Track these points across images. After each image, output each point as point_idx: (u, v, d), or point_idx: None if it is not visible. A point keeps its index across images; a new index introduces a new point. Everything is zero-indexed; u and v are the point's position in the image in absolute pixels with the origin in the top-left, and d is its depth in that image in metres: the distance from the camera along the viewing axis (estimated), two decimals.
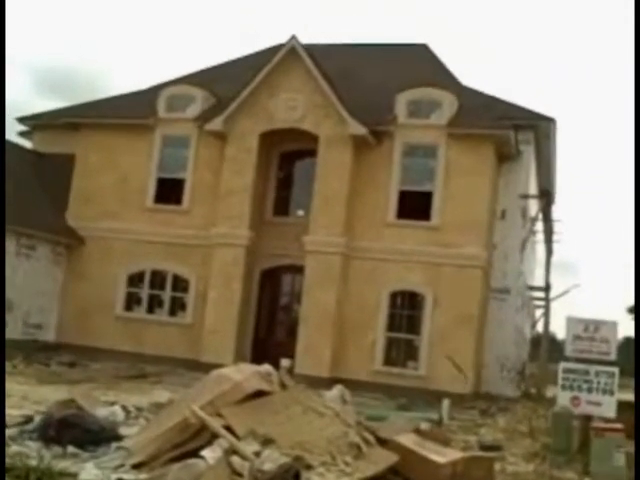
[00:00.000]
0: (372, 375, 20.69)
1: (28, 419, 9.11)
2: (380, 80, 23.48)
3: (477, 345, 20.75)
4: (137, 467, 7.58)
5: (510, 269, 21.92)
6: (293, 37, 21.51)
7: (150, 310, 23.11)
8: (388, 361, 20.93)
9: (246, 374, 8.74)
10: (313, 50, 21.97)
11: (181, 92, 23.44)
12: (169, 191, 23.15)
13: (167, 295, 22.94)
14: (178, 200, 23.06)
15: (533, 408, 20.60)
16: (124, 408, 9.63)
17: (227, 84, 23.68)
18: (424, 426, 9.63)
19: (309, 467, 7.60)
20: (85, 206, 23.63)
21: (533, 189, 23.79)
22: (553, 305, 24.76)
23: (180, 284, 22.89)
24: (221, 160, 22.24)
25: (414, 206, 21.03)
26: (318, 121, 21.23)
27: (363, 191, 21.21)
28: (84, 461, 7.80)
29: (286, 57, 21.58)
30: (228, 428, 7.98)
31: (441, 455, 8.51)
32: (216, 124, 21.83)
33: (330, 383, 20.37)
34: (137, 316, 23.02)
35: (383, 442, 8.83)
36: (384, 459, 8.32)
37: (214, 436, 7.93)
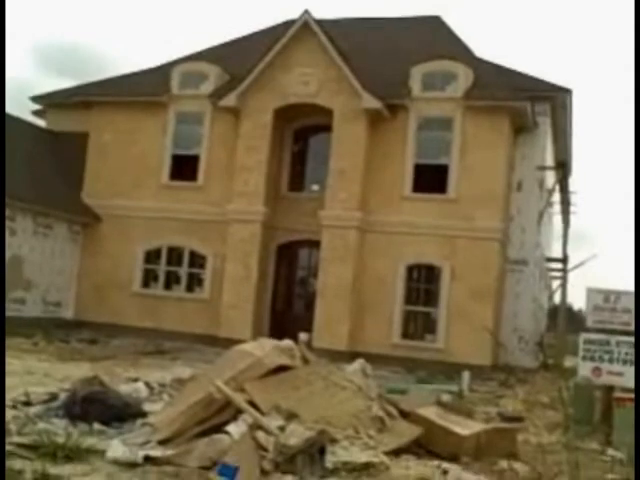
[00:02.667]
0: (390, 348, 20.74)
1: (53, 396, 9.19)
2: (393, 53, 23.27)
3: (495, 317, 20.73)
4: (163, 443, 7.64)
5: (527, 241, 21.83)
6: (306, 12, 21.34)
7: (167, 286, 23.24)
8: (406, 334, 20.98)
9: (267, 349, 8.77)
10: (324, 25, 21.81)
11: (194, 69, 23.36)
12: (184, 168, 23.15)
13: (184, 271, 23.03)
14: (193, 177, 23.07)
15: (552, 379, 20.68)
16: (147, 384, 9.67)
17: (240, 60, 23.53)
18: (445, 398, 9.65)
19: (333, 441, 7.62)
20: (100, 184, 23.69)
21: (550, 161, 23.60)
22: (570, 276, 24.73)
23: (197, 260, 22.97)
24: (235, 136, 22.19)
25: (430, 179, 20.94)
26: (332, 95, 21.11)
27: (378, 165, 21.13)
28: (110, 438, 7.86)
29: (299, 32, 21.44)
30: (251, 403, 8.03)
31: (464, 427, 8.54)
32: (230, 100, 21.75)
33: (348, 357, 20.53)
34: (154, 292, 23.15)
35: (406, 415, 8.87)
36: (408, 432, 8.37)
37: (238, 411, 7.99)
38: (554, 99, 21.82)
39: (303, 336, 21.36)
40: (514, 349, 21.66)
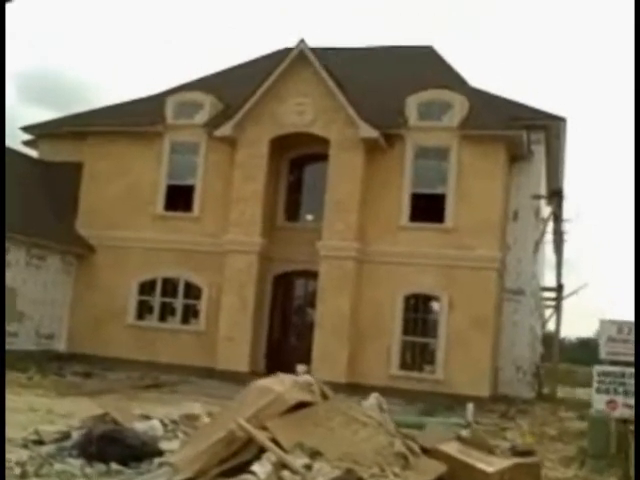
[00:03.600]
0: (389, 380, 20.55)
1: (65, 435, 8.96)
2: (387, 83, 23.37)
3: (493, 347, 20.65)
4: None
5: (524, 271, 21.86)
6: (302, 41, 21.41)
7: (162, 318, 22.98)
8: (404, 365, 20.84)
9: (287, 385, 8.61)
10: (317, 54, 21.84)
11: (189, 98, 23.33)
12: (179, 198, 23.02)
13: (179, 303, 22.81)
14: (188, 207, 22.94)
15: (551, 410, 20.60)
16: (162, 422, 9.47)
17: (235, 89, 23.54)
18: (465, 433, 9.51)
19: (359, 479, 7.48)
20: (94, 215, 23.48)
21: (543, 189, 23.71)
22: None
23: (192, 291, 22.76)
24: (231, 166, 22.12)
25: (427, 209, 20.95)
26: (328, 125, 21.13)
27: (375, 195, 21.12)
28: (129, 478, 7.68)
29: (295, 61, 21.48)
30: (274, 441, 7.87)
31: (488, 463, 8.39)
32: (225, 130, 21.71)
33: (347, 389, 20.30)
34: (149, 324, 22.88)
35: (427, 451, 8.73)
36: (432, 469, 8.21)
37: (261, 450, 7.82)
38: (548, 128, 21.98)
39: (301, 368, 21.07)
40: (512, 379, 21.58)
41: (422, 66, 24.40)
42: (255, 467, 7.36)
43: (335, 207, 20.81)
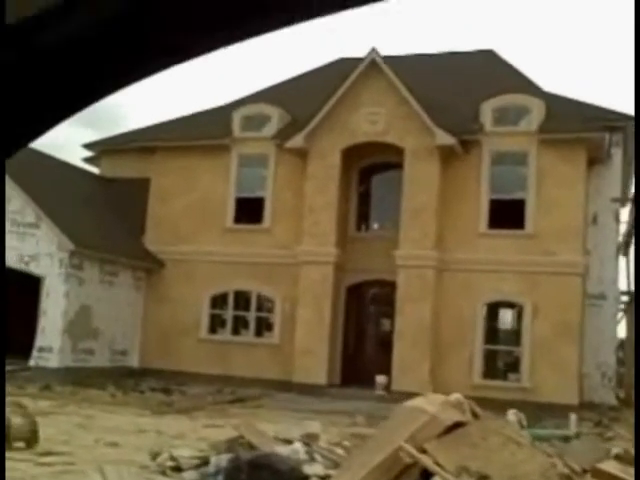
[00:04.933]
0: (472, 389, 19.93)
1: (203, 461, 8.67)
2: (455, 89, 22.95)
3: (579, 354, 20.12)
4: None
5: (606, 275, 21.34)
6: (373, 50, 21.12)
7: (235, 331, 22.77)
8: (487, 374, 20.38)
9: (438, 405, 8.25)
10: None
11: (256, 111, 23.12)
12: (248, 211, 22.80)
13: (252, 316, 22.57)
14: (258, 219, 22.72)
15: None
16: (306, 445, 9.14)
17: (299, 100, 23.32)
18: (616, 450, 9.08)
19: None
20: (163, 229, 23.35)
21: (619, 192, 23.12)
22: None
23: (265, 304, 22.54)
24: (301, 177, 21.87)
25: (506, 215, 20.46)
26: (402, 133, 20.78)
27: (452, 202, 20.71)
28: None
29: (366, 70, 21.17)
30: (436, 465, 7.51)
31: None
32: (297, 141, 21.46)
33: None
34: (222, 338, 22.67)
35: (585, 471, 8.32)
36: None
37: (421, 475, 7.48)
38: (626, 129, 21.41)
39: (380, 379, 20.81)
40: (597, 386, 21.05)
41: (488, 70, 23.98)
42: None
43: (412, 215, 20.43)
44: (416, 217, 20.43)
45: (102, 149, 26.54)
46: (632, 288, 24.91)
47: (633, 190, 25.47)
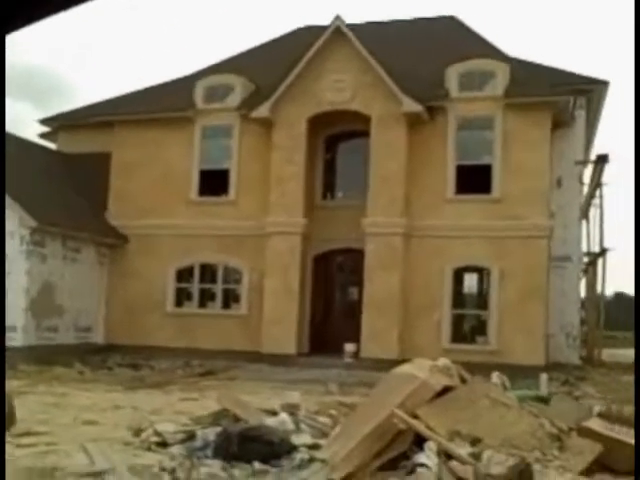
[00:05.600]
0: (441, 353, 19.81)
1: (189, 435, 8.51)
2: (419, 55, 22.89)
3: (546, 316, 20.34)
4: None
5: (570, 237, 21.57)
6: (337, 17, 20.82)
7: (202, 304, 22.54)
8: (456, 338, 20.50)
9: (427, 370, 8.21)
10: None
11: (220, 81, 22.68)
12: (213, 183, 22.45)
13: (219, 288, 22.35)
14: (224, 191, 22.41)
15: (608, 375, 20.41)
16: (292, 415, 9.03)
17: (262, 70, 23.05)
18: (597, 409, 9.16)
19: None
20: (126, 204, 22.91)
21: (582, 155, 23.30)
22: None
23: (232, 276, 22.33)
24: (266, 147, 21.58)
25: (473, 180, 20.46)
26: (369, 101, 20.59)
27: (419, 168, 20.64)
28: (283, 478, 7.26)
29: (331, 38, 20.88)
30: (428, 430, 7.47)
31: None
32: (262, 111, 21.14)
33: (399, 365, 19.98)
34: (189, 311, 22.43)
35: (571, 430, 8.37)
36: (589, 449, 7.82)
37: (414, 440, 7.43)
38: (590, 92, 21.51)
39: (349, 347, 20.81)
40: (562, 346, 21.37)
41: (451, 36, 23.89)
42: (423, 459, 6.97)
43: (380, 183, 20.32)
44: (384, 184, 20.32)
45: (59, 124, 25.85)
46: (592, 249, 25.27)
47: (595, 153, 25.78)
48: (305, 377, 17.72)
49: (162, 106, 22.89)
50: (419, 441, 7.47)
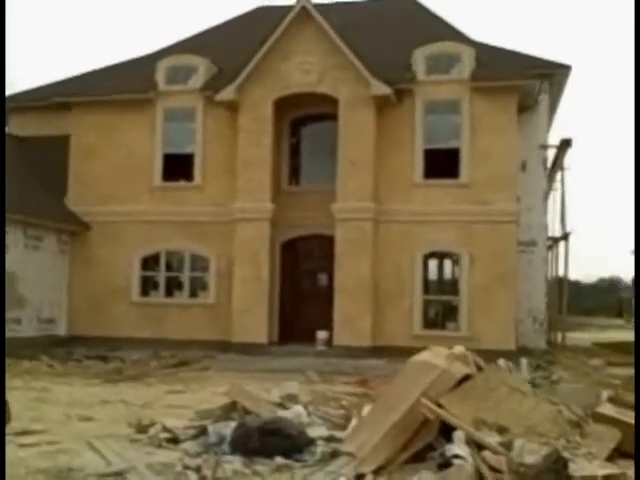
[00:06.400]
0: (413, 340, 20.17)
1: (201, 430, 8.27)
2: (382, 38, 22.73)
3: (515, 300, 20.53)
4: (376, 474, 6.93)
5: (535, 221, 21.73)
6: None
7: (169, 293, 22.13)
8: (427, 324, 20.57)
9: (444, 358, 8.12)
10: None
11: (182, 62, 22.16)
12: (178, 167, 21.95)
13: (186, 276, 21.97)
14: (188, 176, 21.94)
15: (576, 358, 20.76)
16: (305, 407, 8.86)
17: (223, 51, 22.64)
18: (606, 394, 9.23)
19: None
20: (86, 190, 22.26)
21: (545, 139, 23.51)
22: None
23: (199, 264, 21.93)
24: (231, 131, 21.20)
25: (441, 164, 20.47)
26: (336, 83, 20.36)
27: (387, 153, 20.54)
28: (308, 473, 7.09)
29: (296, 18, 20.55)
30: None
31: None
32: (227, 94, 20.72)
33: (371, 352, 20.01)
34: (155, 300, 22.01)
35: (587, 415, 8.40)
36: (609, 436, 7.86)
37: (440, 430, 7.35)
38: (552, 76, 21.69)
39: (321, 334, 20.68)
40: (529, 331, 21.59)
41: (412, 17, 23.81)
42: (456, 450, 6.88)
43: (349, 168, 20.15)
44: (353, 169, 20.16)
45: (11, 106, 24.85)
46: (554, 234, 25.56)
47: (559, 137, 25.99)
48: (280, 366, 17.53)
49: (122, 87, 22.24)
50: (443, 431, 7.41)
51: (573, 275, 60.32)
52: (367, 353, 19.81)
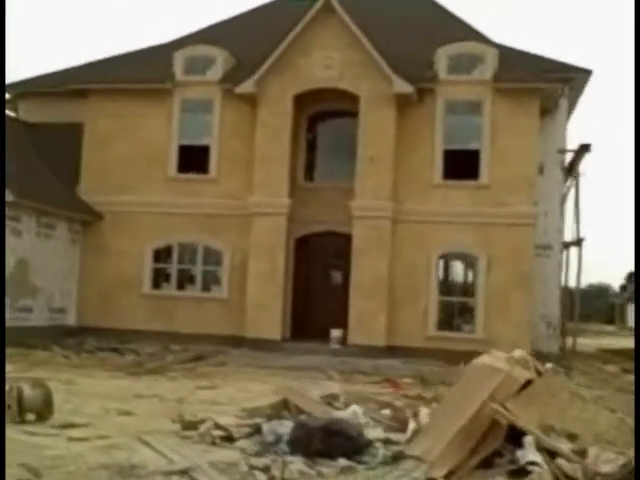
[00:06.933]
0: (427, 341, 20.17)
1: (255, 429, 8.11)
2: (401, 36, 22.47)
3: (531, 304, 20.44)
4: (446, 478, 6.80)
5: (551, 226, 21.68)
6: None
7: (181, 286, 21.87)
8: (442, 326, 20.44)
9: (505, 362, 7.99)
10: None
11: (200, 53, 21.87)
12: (193, 159, 21.68)
13: (199, 269, 21.73)
14: (204, 168, 21.69)
15: (590, 364, 20.71)
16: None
17: (243, 42, 22.37)
18: None
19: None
20: (99, 179, 21.96)
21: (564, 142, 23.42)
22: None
23: (212, 257, 21.69)
24: (248, 124, 20.98)
25: (460, 165, 20.34)
26: (358, 80, 20.18)
27: (406, 152, 20.38)
28: (372, 476, 6.94)
29: (319, 12, 20.35)
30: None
31: None
32: (247, 87, 20.49)
33: (385, 352, 19.88)
34: (166, 293, 21.75)
35: None
36: None
37: (506, 436, 7.22)
38: (572, 80, 21.61)
39: (336, 333, 20.52)
40: (543, 336, 21.50)
41: (432, 17, 23.63)
42: (530, 457, 6.76)
43: (368, 166, 19.99)
44: (372, 167, 20.00)
45: (20, 91, 24.50)
46: (580, 237, 25.33)
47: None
48: (298, 364, 17.37)
49: (140, 77, 21.95)
50: (510, 437, 7.29)
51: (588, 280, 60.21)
52: (381, 352, 19.68)
